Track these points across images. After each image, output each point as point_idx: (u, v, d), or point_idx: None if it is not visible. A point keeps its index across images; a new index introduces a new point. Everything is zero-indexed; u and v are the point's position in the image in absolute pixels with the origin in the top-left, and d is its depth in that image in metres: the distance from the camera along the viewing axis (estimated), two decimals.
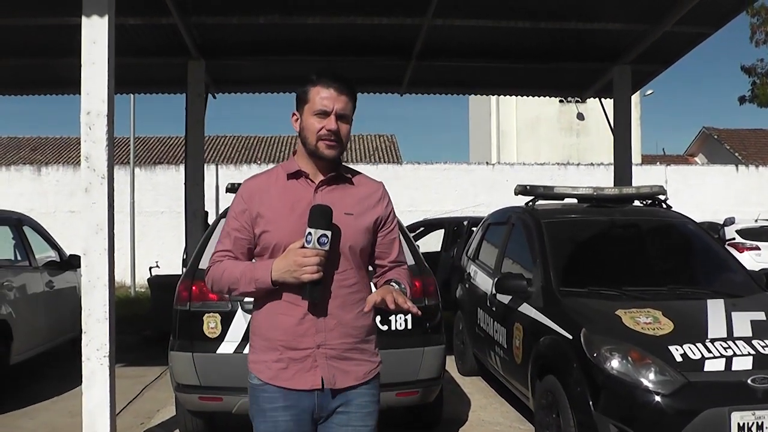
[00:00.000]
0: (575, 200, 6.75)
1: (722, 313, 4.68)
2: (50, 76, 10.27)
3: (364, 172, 2.71)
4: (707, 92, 72.79)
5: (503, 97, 25.78)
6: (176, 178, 19.25)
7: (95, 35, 4.94)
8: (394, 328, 5.04)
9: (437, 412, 5.70)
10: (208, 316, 4.86)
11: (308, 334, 2.48)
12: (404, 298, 2.47)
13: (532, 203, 6.71)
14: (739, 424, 3.88)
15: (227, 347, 4.81)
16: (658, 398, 4.00)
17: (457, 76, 11.07)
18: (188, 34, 8.81)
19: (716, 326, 4.50)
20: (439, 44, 9.36)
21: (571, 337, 4.61)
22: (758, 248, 16.32)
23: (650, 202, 6.74)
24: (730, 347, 4.25)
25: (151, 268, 12.70)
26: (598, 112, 12.74)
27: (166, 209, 20.70)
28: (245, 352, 4.20)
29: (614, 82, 10.21)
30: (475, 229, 9.07)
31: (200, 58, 9.61)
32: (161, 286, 9.74)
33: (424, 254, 5.92)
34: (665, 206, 6.67)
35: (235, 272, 2.52)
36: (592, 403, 4.20)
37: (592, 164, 23.38)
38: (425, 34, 8.88)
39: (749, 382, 4.02)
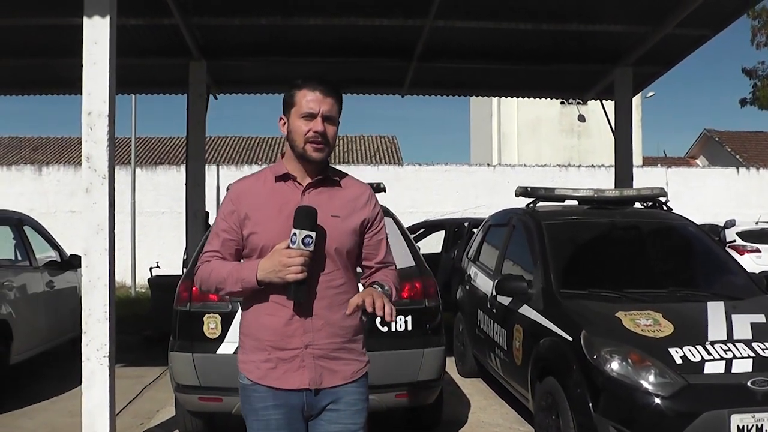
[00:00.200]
0: (576, 202, 6.75)
1: (722, 315, 4.68)
2: (51, 76, 10.27)
3: (365, 173, 2.73)
4: (708, 94, 72.87)
5: (504, 98, 26.22)
6: (177, 178, 19.25)
7: (97, 35, 4.95)
8: (394, 329, 5.04)
9: (437, 413, 5.70)
10: (208, 316, 4.86)
11: (296, 334, 2.52)
12: (383, 301, 2.46)
13: (532, 205, 6.72)
14: (738, 426, 3.88)
15: (227, 348, 4.80)
16: (657, 400, 4.00)
17: (458, 77, 11.07)
18: (190, 34, 8.81)
19: (716, 328, 4.50)
20: (440, 45, 9.36)
21: (571, 338, 4.61)
22: (759, 251, 16.30)
23: (651, 204, 6.74)
24: (730, 350, 4.25)
25: (151, 268, 12.69)
26: (599, 113, 12.73)
27: (166, 210, 20.71)
28: None
29: (615, 83, 10.22)
30: (475, 230, 9.06)
31: (202, 58, 9.62)
32: (162, 286, 9.74)
33: (424, 255, 5.92)
34: (666, 208, 6.67)
35: (222, 272, 2.55)
36: (591, 404, 4.20)
37: (593, 166, 23.38)
38: (426, 35, 8.87)
39: (749, 384, 4.02)
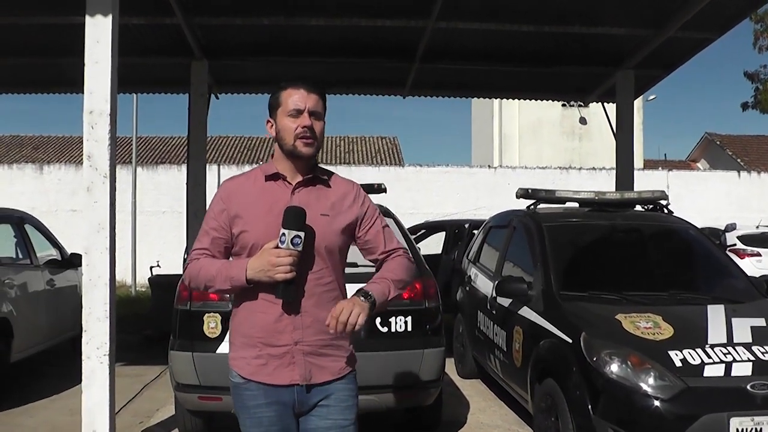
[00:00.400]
0: (577, 204, 6.76)
1: (722, 318, 4.68)
2: (53, 75, 10.27)
3: (365, 173, 2.76)
4: (710, 98, 72.79)
5: (506, 100, 26.25)
6: (178, 178, 19.27)
7: (99, 35, 4.95)
8: (394, 330, 5.04)
9: (436, 414, 5.70)
10: (208, 316, 4.87)
11: (286, 331, 2.56)
12: (354, 314, 2.44)
13: (533, 207, 6.72)
14: (737, 429, 3.88)
15: (227, 347, 4.79)
16: (657, 403, 4.00)
17: (460, 78, 11.06)
18: (192, 34, 8.81)
19: (716, 332, 4.50)
20: (442, 47, 9.36)
21: (570, 340, 4.61)
22: (759, 254, 16.31)
23: (652, 207, 6.73)
24: (729, 353, 4.25)
25: (152, 267, 12.70)
26: (600, 116, 12.74)
27: (167, 209, 20.73)
28: None
29: (617, 86, 10.21)
30: (476, 231, 9.06)
31: (203, 58, 9.62)
32: (162, 285, 9.75)
33: (425, 256, 5.93)
34: (667, 211, 6.67)
35: (211, 270, 2.58)
36: (591, 407, 4.20)
37: (594, 168, 23.41)
38: (428, 36, 8.86)
39: (748, 387, 4.03)
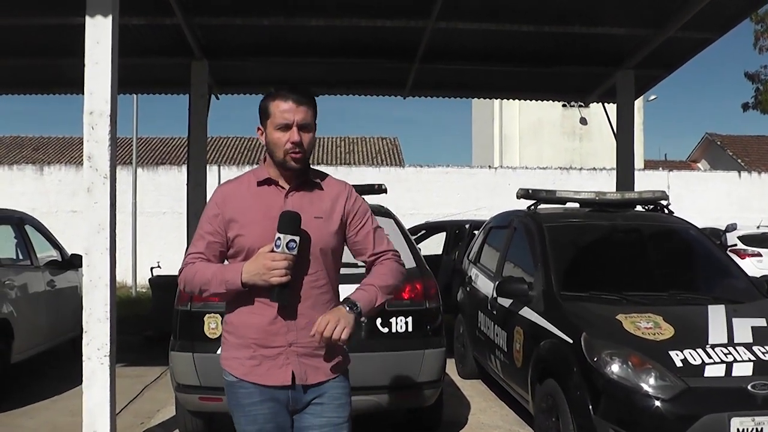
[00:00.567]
0: (577, 204, 6.75)
1: (723, 318, 4.68)
2: (53, 75, 10.27)
3: (366, 174, 2.76)
4: (710, 98, 72.78)
5: (506, 100, 26.24)
6: (178, 178, 19.27)
7: (99, 35, 4.95)
8: (394, 330, 5.04)
9: (437, 414, 5.69)
10: (208, 316, 4.86)
11: (280, 332, 2.58)
12: (339, 329, 2.47)
13: (534, 207, 6.72)
14: (738, 429, 3.88)
15: None
16: (657, 403, 4.00)
17: (460, 79, 11.06)
18: (192, 34, 8.81)
19: (717, 332, 4.50)
20: (442, 47, 9.36)
21: (571, 341, 4.61)
22: (760, 255, 16.31)
23: (652, 207, 6.73)
24: (730, 353, 4.25)
25: (152, 268, 12.71)
26: (601, 116, 12.74)
27: (168, 210, 20.72)
28: None
29: (617, 86, 10.21)
30: (476, 232, 9.06)
31: (203, 58, 9.62)
32: (162, 286, 9.75)
33: (425, 257, 5.91)
34: (667, 212, 6.67)
35: (206, 274, 2.59)
36: (591, 407, 4.20)
37: (594, 169, 23.40)
38: (428, 36, 8.87)
39: (749, 388, 4.02)
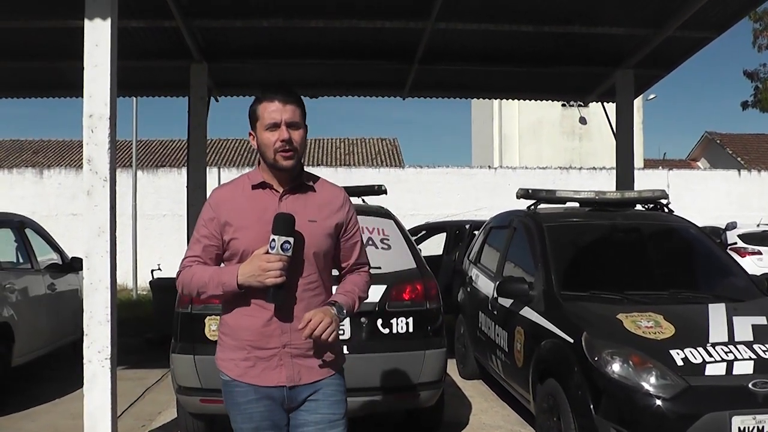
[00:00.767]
0: (577, 204, 6.76)
1: (723, 317, 4.68)
2: (53, 78, 10.26)
3: (366, 175, 2.77)
4: (710, 97, 72.74)
5: (506, 100, 26.24)
6: (178, 181, 19.25)
7: (98, 38, 4.94)
8: (395, 331, 5.04)
9: (438, 415, 5.69)
10: (209, 318, 4.87)
11: (274, 334, 2.62)
12: (329, 331, 2.54)
13: (534, 207, 6.72)
14: (739, 428, 3.88)
15: None
16: (659, 402, 4.00)
17: (459, 79, 11.05)
18: (191, 37, 8.81)
19: (717, 330, 4.50)
20: (441, 48, 9.35)
21: (572, 340, 4.61)
22: (760, 253, 16.30)
23: (652, 206, 6.74)
24: (731, 351, 4.25)
25: (153, 270, 12.70)
26: (600, 116, 12.73)
27: (168, 212, 20.73)
28: None
29: (617, 86, 10.21)
30: (476, 232, 9.06)
31: (203, 61, 9.61)
32: (163, 288, 9.75)
33: (425, 258, 5.93)
34: (667, 210, 6.67)
35: (203, 276, 2.64)
36: (593, 406, 4.20)
37: (594, 168, 23.40)
38: (428, 37, 8.86)
39: (750, 386, 4.03)
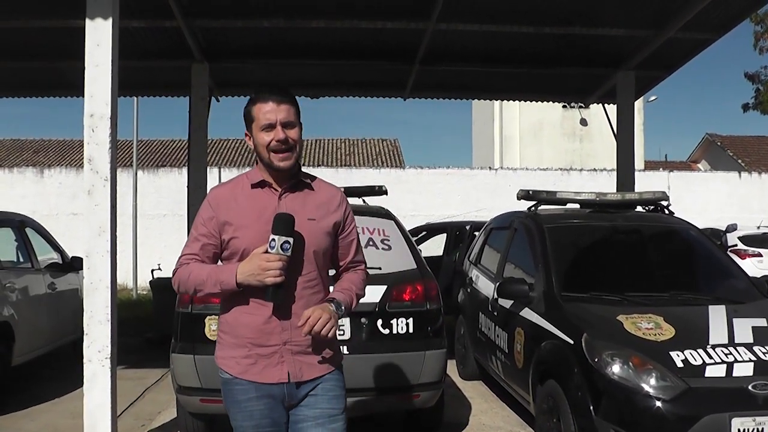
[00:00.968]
0: (578, 205, 6.76)
1: (724, 319, 4.68)
2: (54, 78, 10.28)
3: (366, 175, 2.79)
4: (710, 99, 72.73)
5: (506, 102, 26.24)
6: (179, 181, 19.24)
7: (99, 38, 4.95)
8: (395, 331, 5.04)
9: (438, 416, 5.69)
10: (209, 318, 4.86)
11: (275, 332, 2.64)
12: (328, 327, 2.57)
13: (534, 208, 6.72)
14: (739, 430, 3.88)
15: None
16: (659, 404, 4.00)
17: (460, 80, 11.06)
18: (192, 37, 8.81)
19: (717, 332, 4.50)
20: (442, 49, 9.36)
21: (572, 342, 4.61)
22: (760, 255, 16.29)
23: (653, 208, 6.73)
24: (731, 353, 4.25)
25: (153, 270, 12.70)
26: (601, 117, 12.74)
27: (168, 212, 20.74)
28: None
29: (618, 87, 10.21)
30: (477, 233, 9.06)
31: (204, 61, 9.62)
32: (163, 288, 9.74)
33: (426, 258, 5.93)
34: (667, 212, 6.67)
35: (201, 274, 2.66)
36: (593, 408, 4.20)
37: (594, 170, 23.40)
38: (429, 38, 8.87)
39: (750, 388, 4.02)
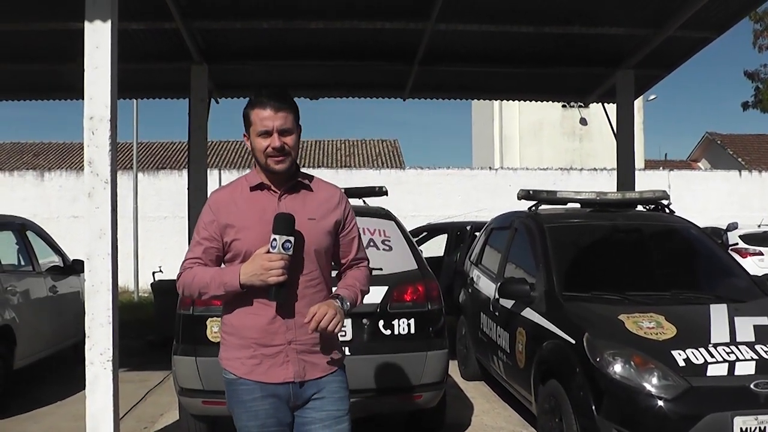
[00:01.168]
0: (578, 205, 6.75)
1: (725, 318, 4.67)
2: (53, 81, 10.27)
3: (366, 176, 2.80)
4: (710, 98, 72.73)
5: (506, 101, 26.24)
6: (179, 183, 19.27)
7: (98, 40, 4.94)
8: (397, 332, 5.04)
9: (440, 416, 5.69)
10: (211, 320, 4.87)
11: (279, 331, 2.66)
12: (334, 322, 2.59)
13: (535, 208, 6.72)
14: (741, 428, 3.88)
15: None
16: (660, 403, 4.00)
17: (460, 80, 11.05)
18: (191, 39, 8.81)
19: (719, 331, 4.49)
20: (442, 49, 9.35)
21: (574, 341, 4.61)
22: (761, 253, 16.29)
23: (653, 207, 6.74)
24: (732, 352, 4.24)
25: (154, 272, 12.70)
26: (601, 117, 12.73)
27: (169, 214, 20.75)
28: None
29: (617, 86, 10.20)
30: (478, 233, 9.06)
31: (203, 62, 9.61)
32: (164, 290, 9.75)
33: (427, 259, 5.92)
34: (668, 211, 6.67)
35: (205, 277, 2.67)
36: (594, 407, 4.20)
37: (595, 169, 23.40)
38: (428, 38, 8.86)
39: (752, 387, 4.02)
